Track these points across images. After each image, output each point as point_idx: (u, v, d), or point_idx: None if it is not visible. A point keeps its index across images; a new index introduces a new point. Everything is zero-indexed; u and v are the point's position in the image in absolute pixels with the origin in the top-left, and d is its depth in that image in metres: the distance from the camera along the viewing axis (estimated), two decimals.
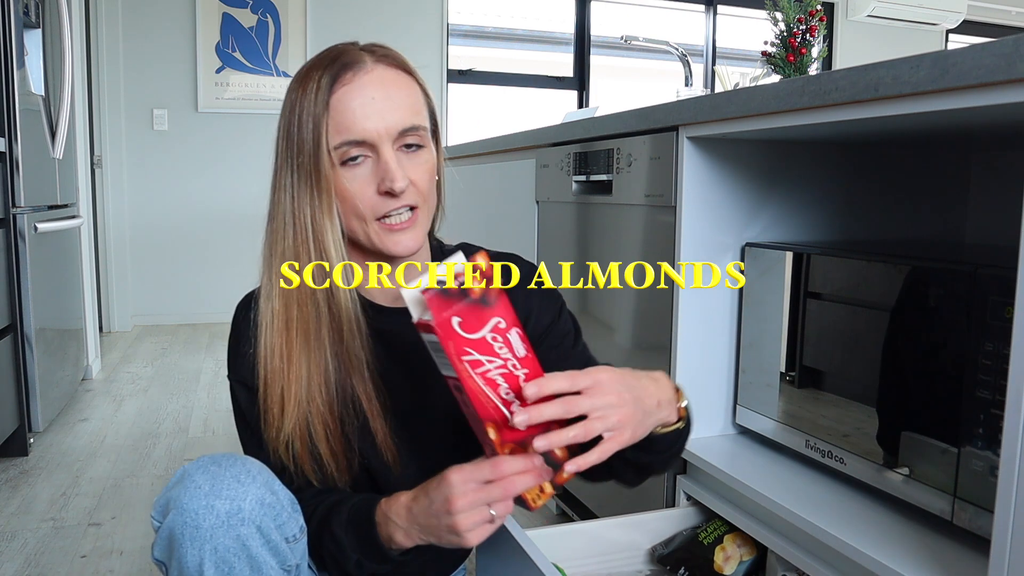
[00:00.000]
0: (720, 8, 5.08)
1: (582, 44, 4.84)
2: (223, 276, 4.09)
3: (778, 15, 1.75)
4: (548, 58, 4.86)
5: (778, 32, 1.76)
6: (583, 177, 1.49)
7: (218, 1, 4.01)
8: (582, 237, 1.52)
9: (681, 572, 1.08)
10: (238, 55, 4.07)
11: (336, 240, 0.76)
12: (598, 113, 1.70)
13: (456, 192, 0.89)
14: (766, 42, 1.79)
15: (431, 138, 0.80)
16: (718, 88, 2.39)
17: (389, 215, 0.76)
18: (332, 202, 0.75)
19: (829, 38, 5.19)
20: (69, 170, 2.57)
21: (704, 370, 1.22)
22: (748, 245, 1.19)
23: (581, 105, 4.83)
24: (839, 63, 5.19)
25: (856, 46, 5.22)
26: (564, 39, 4.86)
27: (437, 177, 0.84)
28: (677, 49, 2.35)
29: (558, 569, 0.92)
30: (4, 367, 1.95)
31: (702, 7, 5.08)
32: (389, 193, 0.74)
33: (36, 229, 2.08)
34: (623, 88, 5.03)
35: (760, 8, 2.08)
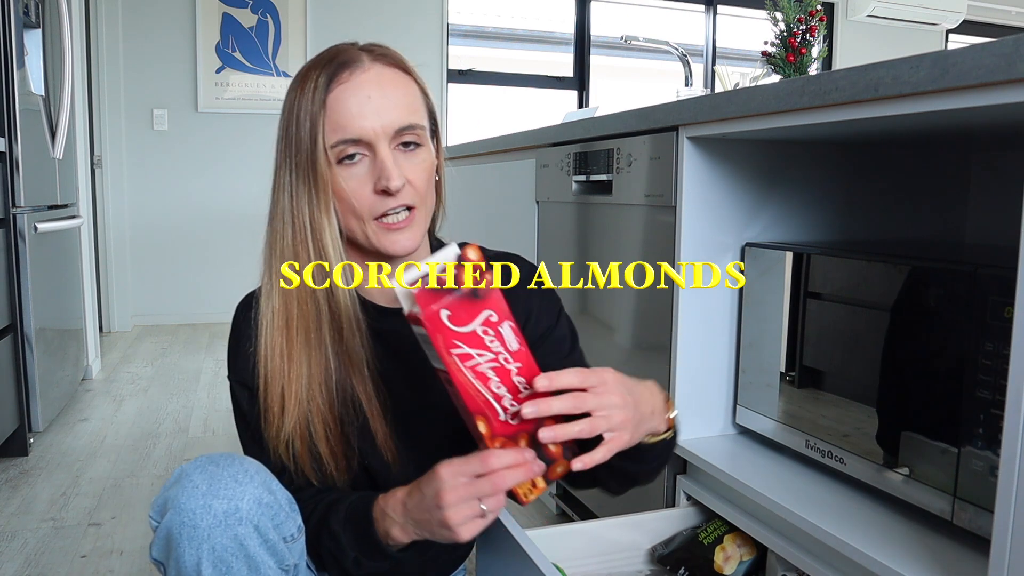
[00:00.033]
0: (720, 8, 5.08)
1: (582, 44, 4.84)
2: (223, 276, 4.09)
3: (778, 15, 1.75)
4: (548, 58, 4.86)
5: (778, 32, 1.76)
6: (583, 177, 1.49)
7: (218, 1, 4.01)
8: (582, 237, 1.52)
9: (681, 572, 1.08)
10: (238, 55, 4.07)
11: (334, 239, 0.76)
12: (598, 113, 1.70)
13: (456, 192, 0.89)
14: (766, 42, 1.79)
15: (430, 138, 0.80)
16: (718, 88, 2.39)
17: (387, 215, 0.76)
18: (330, 201, 0.75)
19: (829, 38, 5.20)
20: (69, 170, 2.57)
21: (704, 370, 1.22)
22: (748, 245, 1.19)
23: (581, 105, 4.84)
24: (839, 63, 5.19)
25: (856, 46, 5.23)
26: (564, 39, 4.86)
27: (437, 177, 0.84)
28: (677, 49, 2.35)
29: (558, 569, 0.92)
30: (4, 367, 1.95)
31: (702, 7, 5.08)
32: (385, 192, 0.74)
33: (36, 229, 2.08)
34: (623, 88, 5.03)
35: (760, 8, 2.08)
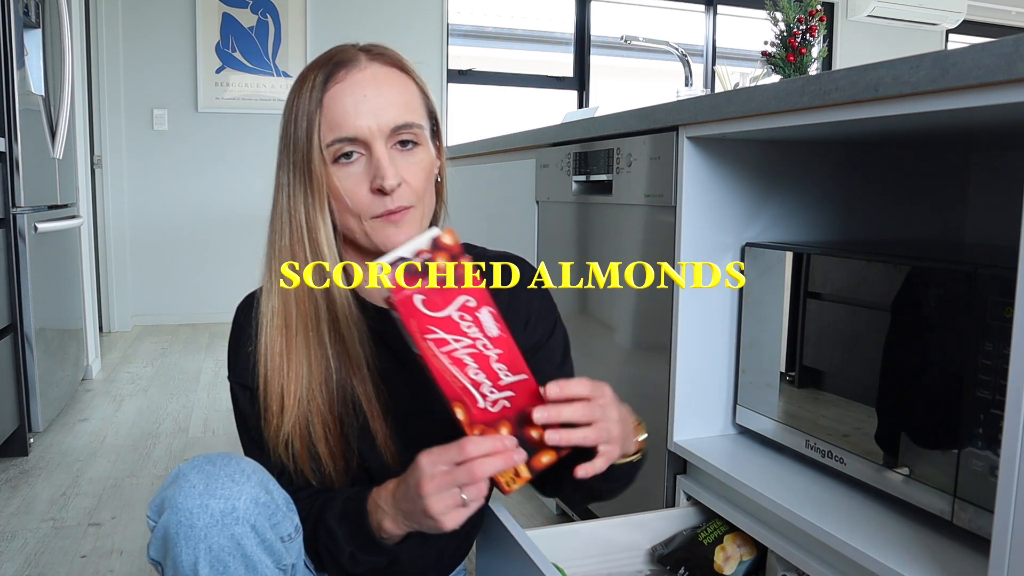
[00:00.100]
0: (720, 8, 5.08)
1: (582, 44, 4.84)
2: (223, 276, 4.09)
3: (778, 15, 1.75)
4: (548, 58, 4.86)
5: (778, 32, 1.76)
6: (583, 177, 1.49)
7: (218, 1, 4.01)
8: (582, 237, 1.52)
9: (681, 572, 1.08)
10: (238, 55, 4.07)
11: (328, 238, 0.76)
12: (598, 113, 1.70)
13: (456, 192, 0.89)
14: (766, 42, 1.79)
15: (430, 137, 0.80)
16: (718, 88, 2.39)
17: (382, 215, 0.76)
18: (325, 200, 0.75)
19: (829, 38, 5.20)
20: (69, 170, 2.57)
21: (704, 370, 1.22)
22: (748, 245, 1.19)
23: (581, 105, 4.84)
24: (839, 63, 5.19)
25: (856, 46, 5.23)
26: (564, 39, 4.86)
27: (439, 178, 0.84)
28: (677, 49, 2.35)
29: (558, 569, 0.92)
30: (4, 367, 1.95)
31: (702, 7, 5.08)
32: (381, 191, 0.74)
33: (36, 229, 2.08)
34: (623, 88, 5.03)
35: (760, 8, 2.08)
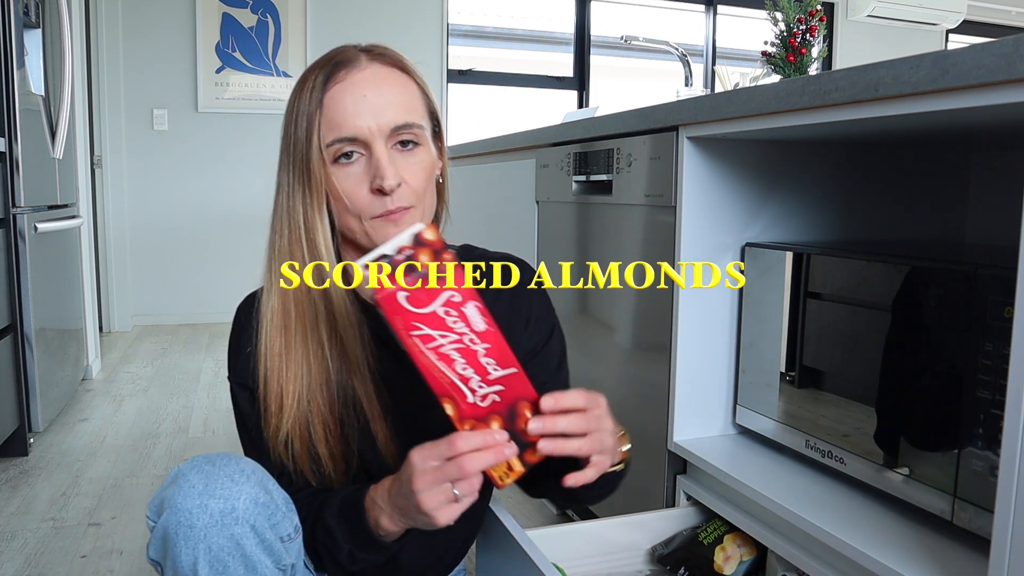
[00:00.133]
0: (720, 8, 5.08)
1: (582, 44, 4.84)
2: (223, 276, 4.09)
3: (778, 15, 1.75)
4: (548, 58, 4.86)
5: (778, 32, 1.76)
6: (583, 177, 1.49)
7: (218, 1, 4.01)
8: (582, 237, 1.52)
9: (681, 572, 1.08)
10: (238, 55, 4.07)
11: (326, 239, 0.76)
12: (598, 113, 1.70)
13: (456, 192, 0.89)
14: (766, 42, 1.79)
15: (431, 138, 0.80)
16: (718, 88, 2.39)
17: (383, 215, 0.76)
18: (323, 200, 0.76)
19: (829, 38, 5.20)
20: (69, 170, 2.57)
21: (704, 370, 1.22)
22: (748, 245, 1.19)
23: (581, 105, 4.84)
24: (839, 63, 5.19)
25: (856, 46, 5.23)
26: (564, 39, 4.86)
27: (441, 179, 0.84)
28: (677, 49, 2.35)
29: (558, 569, 0.92)
30: (4, 367, 1.95)
31: (702, 7, 5.08)
32: (381, 191, 0.74)
33: (36, 229, 2.08)
34: (623, 88, 5.03)
35: (760, 8, 2.08)
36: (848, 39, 5.22)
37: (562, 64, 4.86)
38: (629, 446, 0.79)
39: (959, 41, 5.61)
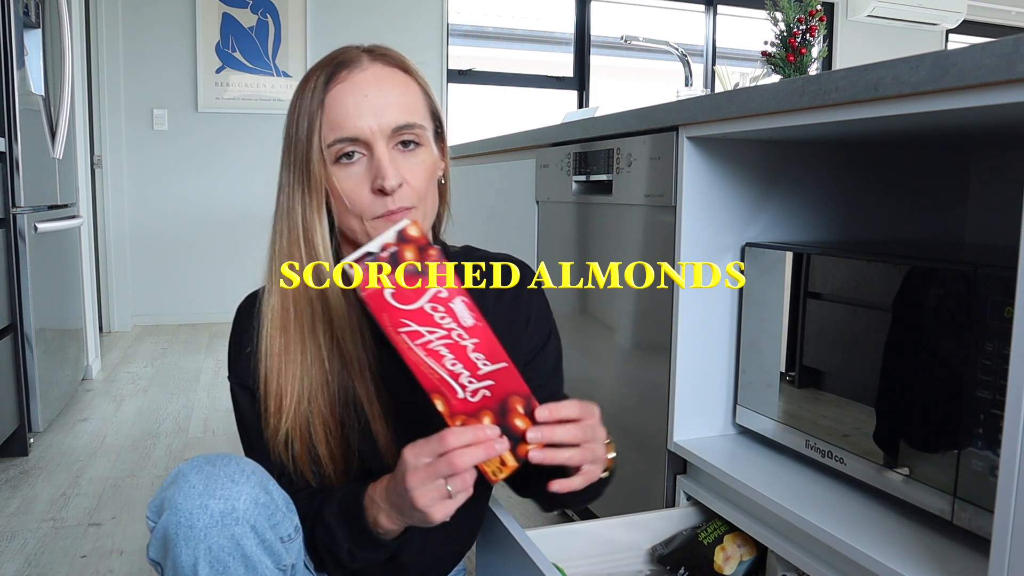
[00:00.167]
0: (720, 8, 5.08)
1: (582, 44, 4.84)
2: (223, 276, 4.09)
3: (778, 15, 1.75)
4: (548, 58, 4.86)
5: (778, 32, 1.76)
6: (583, 177, 1.49)
7: (218, 1, 4.01)
8: (582, 237, 1.52)
9: (681, 572, 1.08)
10: (238, 55, 4.07)
11: (324, 239, 0.76)
12: (598, 113, 1.70)
13: (456, 192, 0.89)
14: (766, 42, 1.79)
15: (433, 138, 0.80)
16: (718, 88, 2.39)
17: (384, 215, 0.76)
18: (322, 200, 0.76)
19: (829, 38, 5.20)
20: (69, 170, 2.57)
21: (704, 370, 1.22)
22: (748, 245, 1.19)
23: (581, 105, 4.84)
24: (839, 63, 5.19)
25: (856, 46, 5.23)
26: (564, 39, 4.86)
27: (443, 180, 0.84)
28: (677, 49, 2.35)
29: (558, 569, 0.92)
30: (4, 367, 1.95)
31: (702, 7, 5.08)
32: (382, 191, 0.74)
33: (36, 229, 2.08)
34: (623, 88, 5.03)
35: (760, 8, 2.08)
36: (848, 39, 5.22)
37: (562, 64, 4.86)
38: (615, 454, 0.80)
39: (959, 41, 5.61)
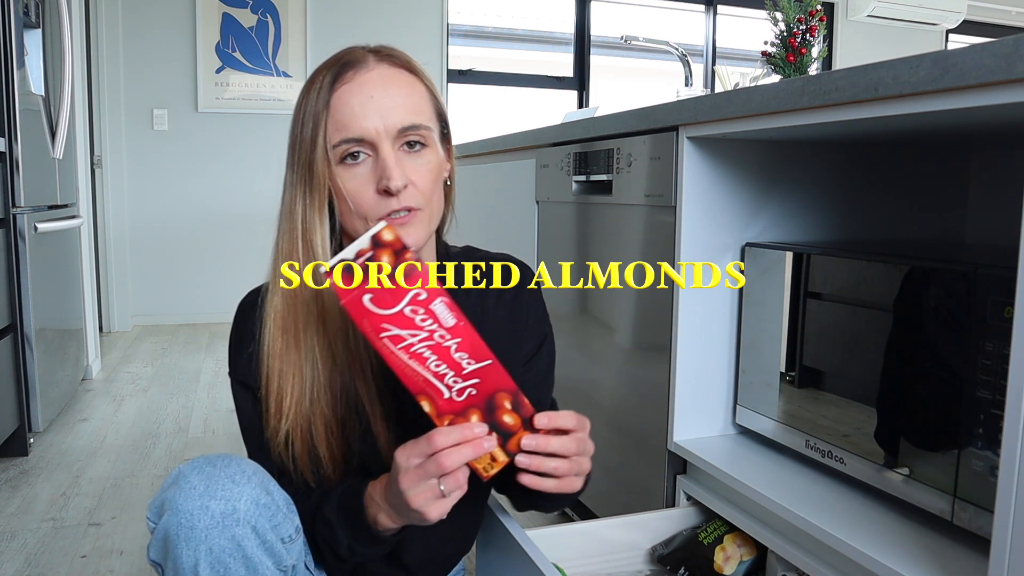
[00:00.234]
0: (720, 8, 5.08)
1: (582, 44, 4.84)
2: (223, 276, 4.09)
3: (778, 15, 1.75)
4: (548, 58, 4.86)
5: (778, 32, 1.76)
6: (583, 177, 1.49)
7: (218, 1, 4.01)
8: (582, 237, 1.52)
9: (681, 572, 1.08)
10: (238, 55, 4.07)
11: (324, 240, 0.76)
12: (598, 113, 1.70)
13: (457, 192, 0.89)
14: (766, 42, 1.79)
15: (438, 139, 0.80)
16: (718, 88, 2.39)
17: (389, 215, 0.76)
18: (324, 201, 0.75)
19: (829, 38, 5.20)
20: (69, 170, 2.57)
21: (704, 370, 1.22)
22: (748, 245, 1.19)
23: (581, 105, 4.84)
24: (839, 63, 5.19)
25: (856, 46, 5.23)
26: (564, 39, 4.86)
27: (448, 181, 0.84)
28: (677, 49, 2.35)
29: (558, 569, 0.92)
30: (4, 367, 1.95)
31: (702, 7, 5.08)
32: (387, 192, 0.74)
33: (36, 229, 2.08)
34: (623, 88, 5.03)
35: (760, 8, 2.08)
36: (848, 39, 5.22)
37: (562, 64, 4.86)
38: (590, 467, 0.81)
39: (959, 41, 5.61)
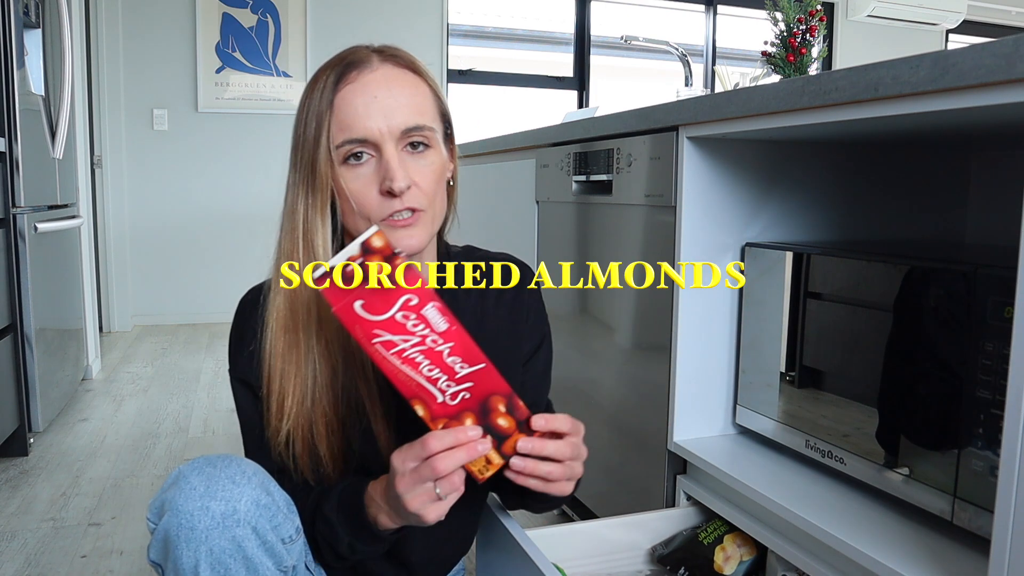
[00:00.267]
0: (720, 8, 5.08)
1: (582, 44, 4.84)
2: (223, 276, 4.09)
3: (778, 15, 1.75)
4: (548, 58, 4.86)
5: (778, 32, 1.76)
6: (583, 177, 1.49)
7: (218, 1, 4.01)
8: (582, 237, 1.52)
9: (681, 572, 1.08)
10: (238, 55, 4.07)
11: (325, 241, 0.76)
12: (598, 113, 1.70)
13: (458, 192, 0.89)
14: (766, 42, 1.79)
15: (442, 140, 0.80)
16: (718, 88, 2.39)
17: (392, 215, 0.76)
18: (326, 201, 0.75)
19: (829, 38, 5.20)
20: (69, 170, 2.57)
21: (704, 370, 1.22)
22: (748, 245, 1.19)
23: (581, 105, 4.84)
24: (839, 63, 5.19)
25: (856, 46, 5.23)
26: (564, 39, 4.86)
27: (452, 182, 0.84)
28: (677, 49, 2.35)
29: (558, 569, 0.92)
30: (4, 367, 1.95)
31: (702, 7, 5.08)
32: (390, 193, 0.74)
33: (36, 229, 2.08)
34: (623, 88, 5.03)
35: (760, 8, 2.08)
36: (848, 39, 5.22)
37: (562, 64, 4.86)
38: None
39: (959, 41, 5.61)
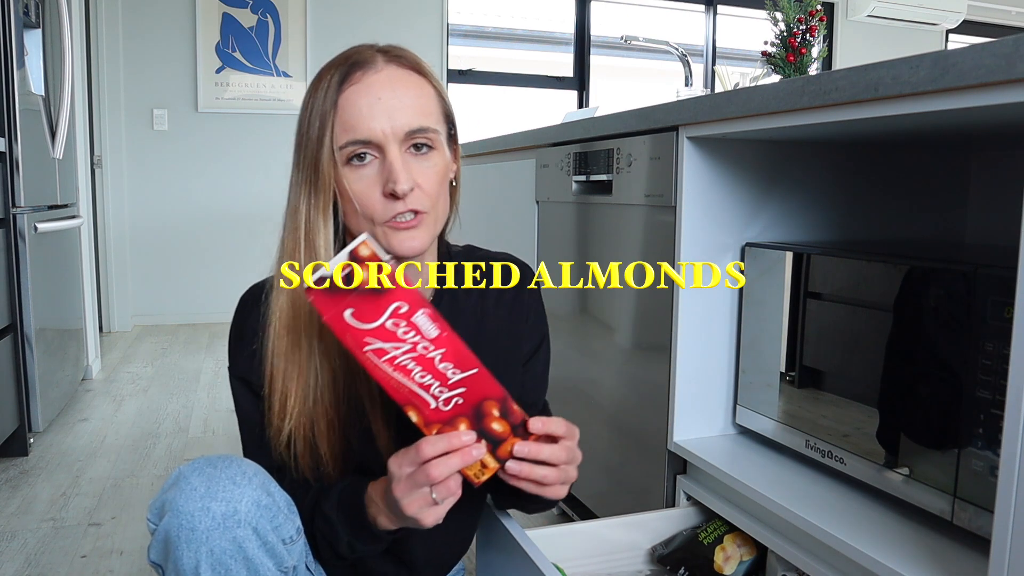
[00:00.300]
0: (720, 8, 5.08)
1: (582, 44, 4.84)
2: (223, 276, 4.09)
3: (778, 15, 1.75)
4: (548, 58, 4.86)
5: (778, 32, 1.76)
6: (583, 177, 1.49)
7: (218, 1, 4.01)
8: (582, 237, 1.52)
9: (681, 572, 1.08)
10: (238, 55, 4.07)
11: (327, 241, 0.76)
12: (598, 113, 1.70)
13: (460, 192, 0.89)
14: (766, 42, 1.79)
15: (446, 142, 0.80)
16: (718, 88, 2.39)
17: (395, 218, 0.75)
18: (329, 201, 0.75)
19: (829, 38, 5.20)
20: (69, 170, 2.57)
21: (704, 370, 1.21)
22: (748, 245, 1.19)
23: (581, 105, 4.84)
24: (839, 63, 5.19)
25: (856, 46, 5.23)
26: (564, 39, 4.86)
27: (455, 183, 0.83)
28: (677, 49, 2.35)
29: (558, 569, 0.92)
30: (4, 367, 1.95)
31: (702, 7, 5.08)
32: (393, 195, 0.73)
33: (36, 229, 2.08)
34: (623, 88, 5.03)
35: (760, 8, 2.08)
36: (848, 39, 5.22)
37: (562, 64, 4.86)
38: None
39: (959, 41, 5.61)
